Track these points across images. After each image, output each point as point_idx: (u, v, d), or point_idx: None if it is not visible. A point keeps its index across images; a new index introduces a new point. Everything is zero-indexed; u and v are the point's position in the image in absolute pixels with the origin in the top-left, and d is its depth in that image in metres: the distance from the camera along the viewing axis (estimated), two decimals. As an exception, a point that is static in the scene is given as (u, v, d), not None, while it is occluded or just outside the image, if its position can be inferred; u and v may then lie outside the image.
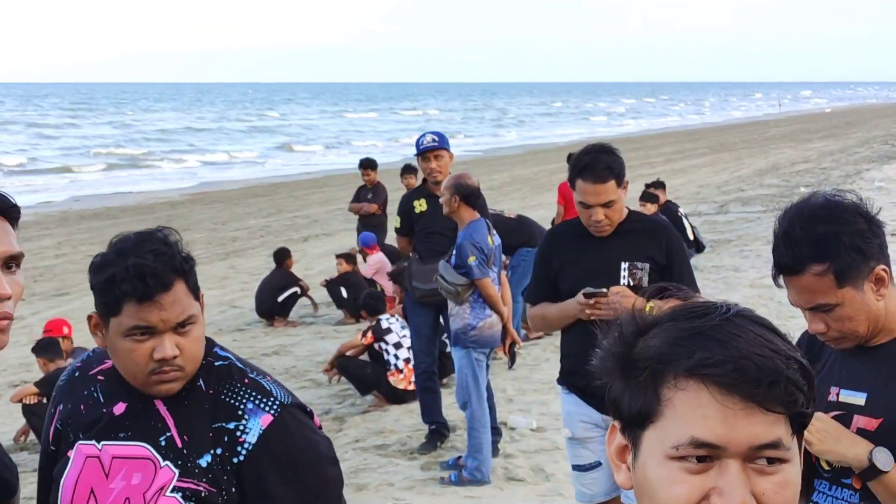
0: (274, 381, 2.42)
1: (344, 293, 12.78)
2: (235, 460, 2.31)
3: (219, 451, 2.31)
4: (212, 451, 2.31)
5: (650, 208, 13.14)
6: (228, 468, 2.31)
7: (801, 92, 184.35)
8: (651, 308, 1.38)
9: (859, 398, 2.65)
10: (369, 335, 9.22)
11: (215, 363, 2.39)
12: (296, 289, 13.13)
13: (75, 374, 2.50)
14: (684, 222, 14.10)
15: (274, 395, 2.36)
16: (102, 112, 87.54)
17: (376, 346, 9.18)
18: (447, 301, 7.08)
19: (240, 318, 13.41)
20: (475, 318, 6.91)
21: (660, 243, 4.66)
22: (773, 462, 1.29)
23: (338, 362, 9.22)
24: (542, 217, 13.28)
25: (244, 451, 2.31)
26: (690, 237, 14.05)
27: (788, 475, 1.30)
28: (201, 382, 2.36)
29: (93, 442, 2.38)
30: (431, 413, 7.87)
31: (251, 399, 2.34)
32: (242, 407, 2.33)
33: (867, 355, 2.65)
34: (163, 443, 2.33)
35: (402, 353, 9.02)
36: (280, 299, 12.98)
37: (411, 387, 8.68)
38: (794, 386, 1.27)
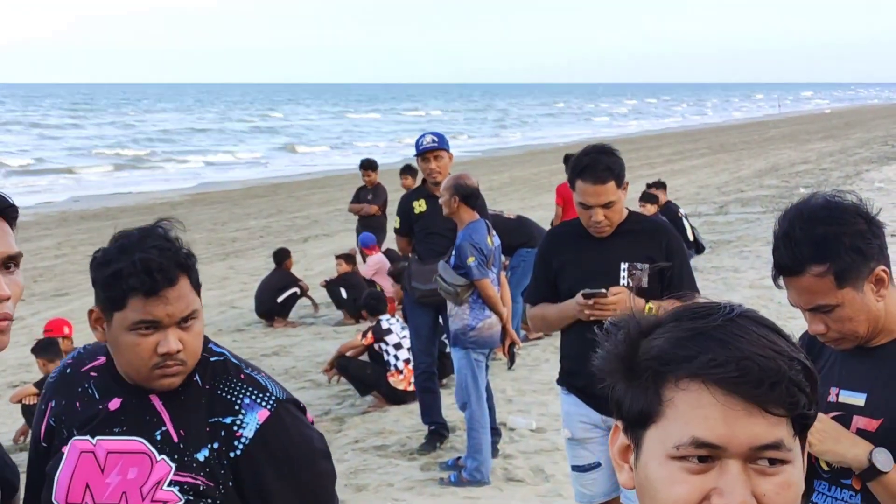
0: (268, 376, 2.45)
1: (343, 294, 12.78)
2: (232, 454, 2.33)
3: (216, 445, 2.33)
4: (209, 446, 2.33)
5: (650, 209, 13.13)
6: (225, 462, 2.33)
7: (803, 93, 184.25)
8: (650, 308, 1.39)
9: (859, 399, 2.65)
10: (369, 336, 9.21)
11: (211, 359, 2.41)
12: (295, 289, 13.13)
13: (67, 371, 2.51)
14: (684, 223, 14.09)
15: (269, 390, 2.39)
16: (103, 112, 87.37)
17: (376, 346, 9.18)
18: (446, 301, 7.08)
19: (239, 318, 13.41)
20: (474, 319, 6.91)
21: (660, 244, 4.66)
22: (774, 463, 1.28)
23: (337, 363, 9.21)
24: (542, 218, 13.27)
25: (241, 446, 2.33)
26: (690, 238, 14.04)
27: (790, 476, 1.30)
28: (197, 378, 2.38)
29: (87, 437, 2.39)
30: (431, 414, 7.87)
31: (247, 394, 2.37)
32: (239, 402, 2.35)
33: (867, 356, 2.65)
34: (158, 437, 2.34)
35: (402, 354, 9.02)
36: (280, 300, 12.98)
37: (411, 387, 8.68)
38: (796, 387, 1.27)
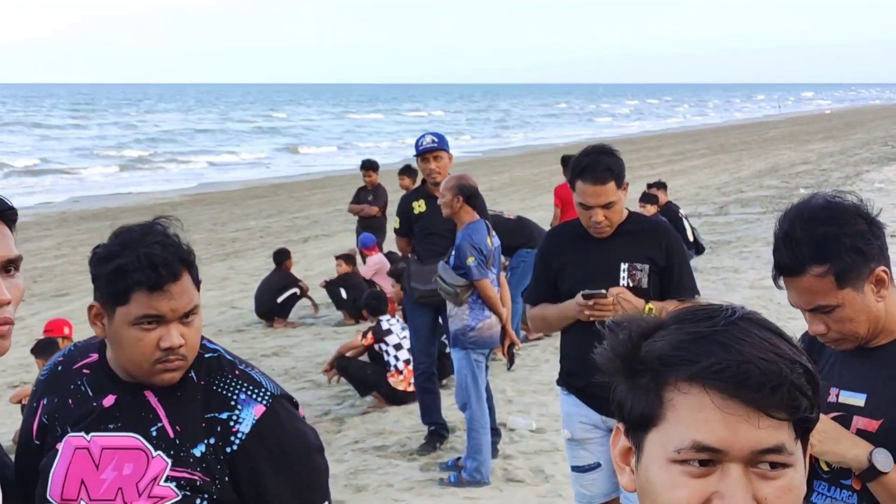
0: (261, 372, 2.47)
1: (343, 294, 12.77)
2: (229, 450, 2.34)
3: (212, 440, 2.35)
4: (205, 441, 2.34)
5: (650, 209, 13.13)
6: (222, 457, 2.34)
7: (804, 93, 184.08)
8: (650, 309, 1.38)
9: (859, 399, 2.65)
10: (370, 336, 9.21)
11: (205, 355, 2.43)
12: (295, 290, 13.12)
13: (58, 369, 2.51)
14: (684, 223, 14.10)
15: (264, 385, 2.41)
16: (105, 113, 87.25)
17: (376, 347, 9.18)
18: (446, 302, 7.08)
19: (239, 318, 13.41)
20: (474, 320, 6.91)
21: (660, 244, 4.66)
22: (775, 467, 1.28)
23: (337, 363, 9.21)
24: (542, 218, 13.26)
25: (237, 441, 2.35)
26: (690, 238, 14.04)
27: (791, 480, 1.29)
28: (193, 373, 2.40)
29: (82, 434, 2.40)
30: (431, 414, 7.87)
31: (243, 390, 2.38)
32: (235, 398, 2.37)
33: (867, 356, 2.65)
34: (154, 433, 2.36)
35: (403, 355, 9.01)
36: (280, 300, 12.97)
37: (411, 388, 8.68)
38: (797, 391, 1.27)
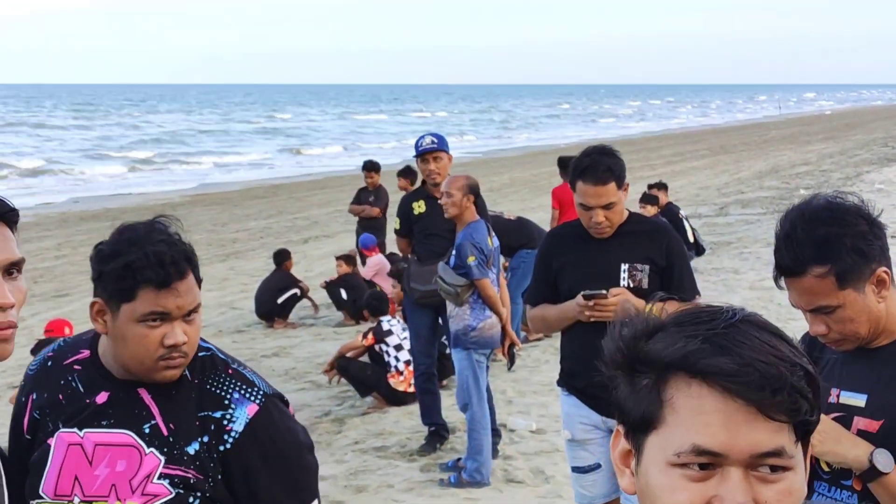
0: (253, 371, 2.50)
1: (344, 295, 12.77)
2: (222, 448, 2.36)
3: (205, 438, 2.36)
4: (199, 439, 2.36)
5: (650, 210, 13.14)
6: (215, 455, 2.36)
7: (806, 94, 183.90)
8: (650, 310, 1.38)
9: (860, 400, 2.65)
10: (370, 337, 9.21)
11: (199, 353, 2.44)
12: (296, 290, 13.12)
13: (48, 364, 2.51)
14: (685, 224, 14.11)
15: (257, 385, 2.44)
16: (108, 114, 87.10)
17: (377, 347, 9.17)
18: (446, 302, 7.08)
19: (239, 319, 13.40)
20: (475, 320, 6.91)
21: (660, 245, 4.67)
22: (776, 470, 1.27)
23: (338, 363, 9.20)
24: (542, 219, 13.26)
25: (231, 440, 2.37)
26: (691, 239, 14.05)
27: (792, 483, 1.29)
28: (187, 372, 2.41)
29: (74, 430, 2.41)
30: (431, 415, 7.87)
31: (237, 389, 2.41)
32: (229, 396, 2.39)
33: (868, 357, 2.65)
34: (147, 430, 2.37)
35: (403, 355, 9.01)
36: (280, 301, 12.97)
37: (411, 389, 8.67)
38: (798, 393, 1.26)
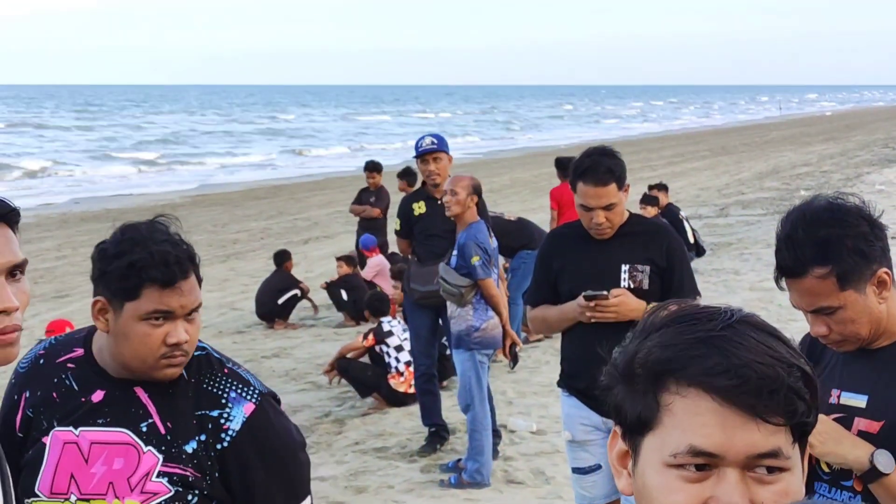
0: (246, 370, 2.53)
1: (344, 295, 12.77)
2: (219, 447, 2.39)
3: (203, 437, 2.39)
4: (197, 438, 2.39)
5: (650, 211, 13.14)
6: (212, 454, 2.39)
7: (808, 95, 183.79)
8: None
9: (860, 401, 2.65)
10: (370, 337, 9.21)
11: (194, 353, 2.46)
12: (296, 291, 13.11)
13: (39, 362, 2.52)
14: (685, 225, 14.11)
15: (252, 384, 2.47)
16: (111, 114, 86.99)
17: (377, 348, 9.17)
18: (446, 303, 7.07)
19: (240, 320, 13.40)
20: (478, 320, 6.90)
21: (660, 246, 4.67)
22: (772, 471, 1.27)
23: (338, 364, 9.20)
24: (542, 220, 13.25)
25: (228, 439, 2.39)
26: (691, 240, 14.06)
27: (789, 484, 1.28)
28: (183, 371, 2.44)
29: (70, 428, 2.42)
30: (431, 415, 7.87)
31: (234, 388, 2.44)
32: (226, 396, 2.42)
33: (869, 358, 2.65)
34: (144, 428, 2.39)
35: (404, 356, 9.01)
36: (280, 301, 12.96)
37: (412, 390, 8.67)
38: (794, 395, 1.26)
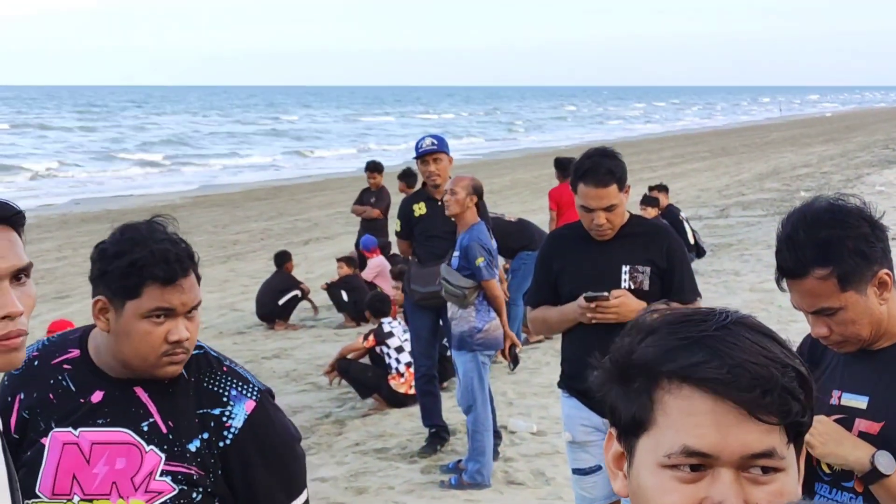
0: (244, 368, 2.56)
1: (345, 296, 12.77)
2: (221, 444, 2.41)
3: (205, 435, 2.41)
4: (199, 436, 2.41)
5: (651, 212, 13.14)
6: (215, 452, 2.41)
7: (809, 96, 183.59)
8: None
9: (861, 402, 2.65)
10: (371, 338, 9.21)
11: (193, 352, 2.47)
12: (296, 292, 13.11)
13: (34, 363, 2.51)
14: (685, 226, 14.11)
15: (251, 382, 2.50)
16: (112, 115, 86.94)
17: (378, 349, 9.17)
18: (446, 304, 7.07)
19: (240, 321, 13.40)
20: (481, 321, 6.90)
21: (661, 247, 4.67)
22: (767, 471, 1.27)
23: (339, 365, 9.20)
24: (543, 221, 13.25)
25: (230, 436, 2.42)
26: (691, 241, 14.05)
27: (783, 485, 1.28)
28: (183, 370, 2.45)
29: (69, 429, 2.42)
30: (431, 416, 7.87)
31: (234, 386, 2.46)
32: (227, 394, 2.44)
33: (869, 359, 2.65)
34: (145, 428, 2.40)
35: (404, 357, 9.01)
36: (280, 302, 12.97)
37: (412, 391, 8.67)
38: (789, 395, 1.25)
